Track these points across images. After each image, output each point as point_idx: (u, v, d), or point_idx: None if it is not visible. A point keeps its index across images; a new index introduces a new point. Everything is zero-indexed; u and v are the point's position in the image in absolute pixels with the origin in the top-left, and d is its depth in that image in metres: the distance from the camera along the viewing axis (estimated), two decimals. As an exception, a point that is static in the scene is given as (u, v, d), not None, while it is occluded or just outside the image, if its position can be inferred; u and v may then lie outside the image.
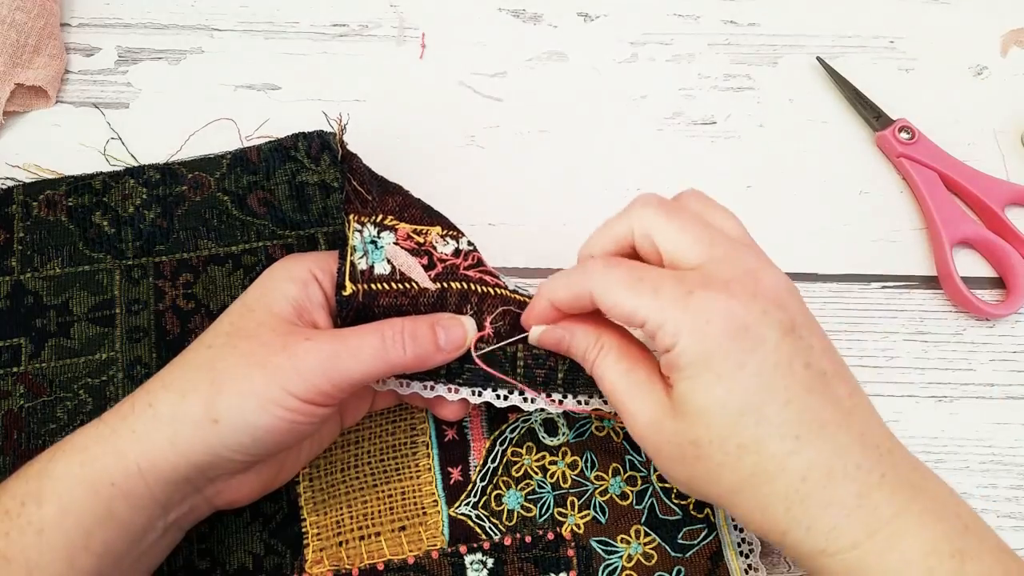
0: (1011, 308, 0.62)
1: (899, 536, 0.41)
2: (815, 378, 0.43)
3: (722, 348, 0.42)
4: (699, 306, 0.43)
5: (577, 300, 0.47)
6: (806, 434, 0.42)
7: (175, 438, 0.44)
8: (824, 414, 0.43)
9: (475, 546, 0.53)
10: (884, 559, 0.41)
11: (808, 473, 0.42)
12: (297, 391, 0.44)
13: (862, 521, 0.42)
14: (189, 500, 0.47)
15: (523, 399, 0.50)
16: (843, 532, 0.42)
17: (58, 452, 0.45)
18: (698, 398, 0.43)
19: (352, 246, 0.49)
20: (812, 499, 0.42)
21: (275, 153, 0.62)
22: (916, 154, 0.67)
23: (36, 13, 0.66)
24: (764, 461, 0.42)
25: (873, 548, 0.41)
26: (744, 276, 0.44)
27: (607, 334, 0.48)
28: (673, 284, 0.44)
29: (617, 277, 0.45)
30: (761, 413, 0.42)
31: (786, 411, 0.42)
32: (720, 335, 0.42)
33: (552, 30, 0.73)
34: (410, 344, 0.46)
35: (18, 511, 0.43)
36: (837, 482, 0.42)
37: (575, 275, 0.47)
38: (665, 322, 0.43)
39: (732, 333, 0.42)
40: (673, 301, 0.43)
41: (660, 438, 0.45)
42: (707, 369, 0.43)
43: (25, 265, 0.59)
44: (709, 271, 0.44)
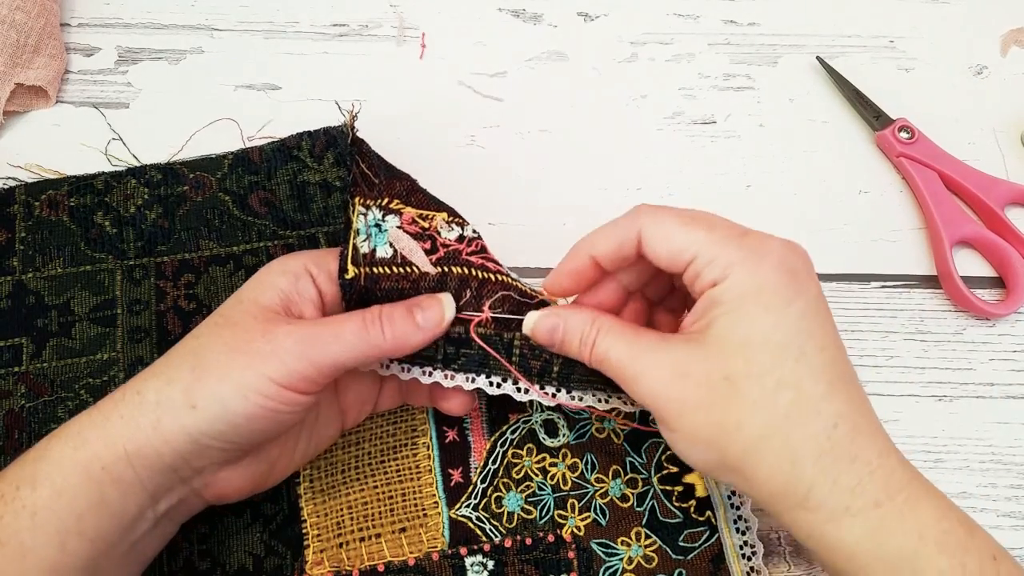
0: (1011, 308, 0.62)
1: (916, 499, 0.42)
2: (838, 339, 0.45)
3: (774, 283, 0.43)
4: (754, 244, 0.44)
5: (620, 249, 0.47)
6: (837, 382, 0.43)
7: (158, 424, 0.44)
8: (849, 370, 0.44)
9: (475, 548, 0.53)
10: (904, 521, 0.42)
11: (839, 420, 0.42)
12: (277, 376, 0.44)
13: (884, 480, 0.42)
14: (177, 490, 0.47)
15: (516, 388, 0.50)
16: (866, 490, 0.42)
17: (53, 439, 0.45)
18: (741, 330, 0.43)
19: (355, 229, 0.49)
20: (840, 450, 0.42)
21: (277, 153, 0.62)
22: (916, 154, 0.67)
23: (36, 13, 0.66)
24: (800, 400, 0.42)
25: (894, 509, 0.42)
26: (783, 240, 0.46)
27: (603, 316, 0.48)
28: (728, 225, 0.45)
29: (669, 214, 0.46)
30: (802, 351, 0.43)
31: (822, 355, 0.43)
32: (774, 271, 0.43)
33: (552, 30, 0.73)
34: (388, 325, 0.46)
35: (13, 495, 0.43)
36: (863, 437, 0.43)
37: (621, 221, 0.47)
38: (718, 256, 0.44)
39: (785, 271, 0.43)
40: (728, 237, 0.44)
41: (685, 386, 0.44)
42: (757, 301, 0.43)
43: (27, 265, 0.59)
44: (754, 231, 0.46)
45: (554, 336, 0.48)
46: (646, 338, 0.46)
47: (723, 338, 0.43)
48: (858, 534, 0.42)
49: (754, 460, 0.43)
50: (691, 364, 0.44)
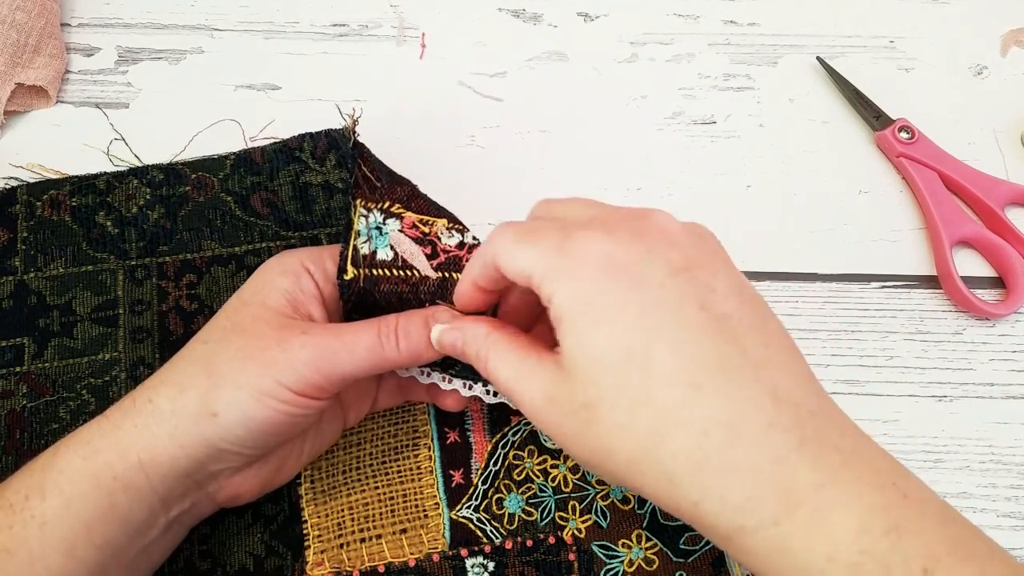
0: (1011, 308, 0.62)
1: (826, 511, 0.36)
2: (713, 321, 0.39)
3: (598, 288, 0.39)
4: (575, 248, 0.40)
5: (486, 272, 0.44)
6: (703, 383, 0.38)
7: (174, 432, 0.44)
8: (726, 363, 0.38)
9: (476, 549, 0.53)
10: (810, 539, 0.36)
11: (709, 427, 0.37)
12: (291, 383, 0.44)
13: (780, 490, 0.36)
14: (190, 496, 0.47)
15: None
16: (760, 503, 0.36)
17: (62, 447, 0.45)
18: (581, 350, 0.39)
19: (356, 231, 0.49)
20: (718, 460, 0.37)
21: (279, 154, 0.62)
22: (916, 154, 0.67)
23: (36, 13, 0.66)
24: (658, 415, 0.38)
25: (796, 526, 0.36)
26: (632, 218, 0.41)
27: (499, 331, 0.45)
28: (555, 231, 0.41)
29: (509, 233, 0.42)
30: (647, 358, 0.38)
31: (677, 355, 0.38)
32: (596, 274, 0.39)
33: (552, 30, 0.73)
34: (403, 340, 0.47)
35: (22, 505, 0.43)
36: (746, 442, 0.37)
37: (482, 247, 0.44)
38: (544, 271, 0.40)
39: (610, 272, 0.39)
40: (551, 247, 0.40)
41: (555, 412, 0.41)
42: (584, 314, 0.39)
43: (28, 265, 0.59)
44: (597, 218, 0.42)
45: (456, 348, 0.46)
46: (526, 358, 0.43)
47: (572, 360, 0.40)
48: (759, 555, 0.37)
49: (637, 482, 0.40)
50: (558, 391, 0.40)
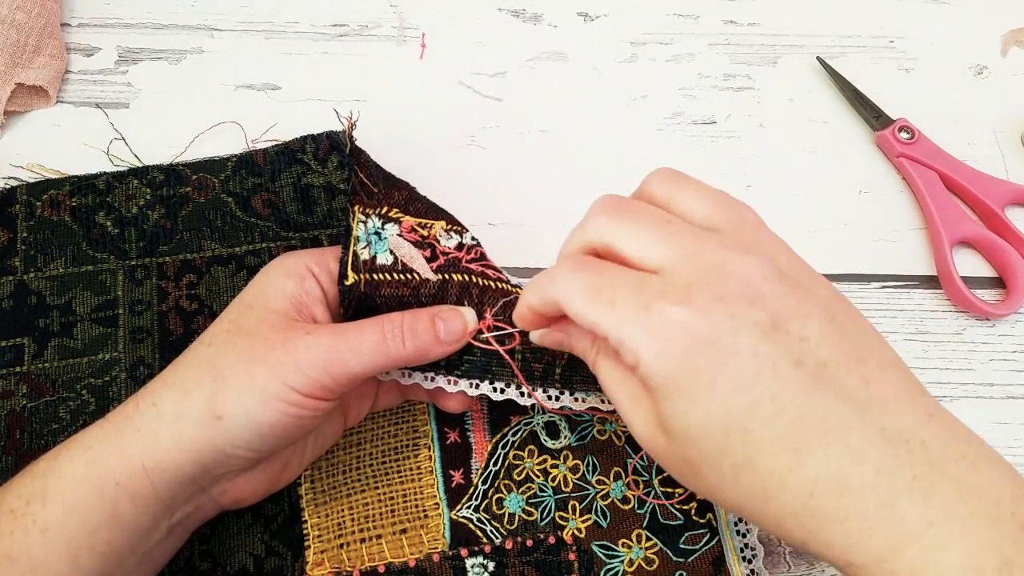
0: (1011, 308, 0.62)
1: (935, 550, 0.37)
2: (811, 377, 0.38)
3: (688, 369, 0.38)
4: (656, 323, 0.39)
5: (548, 306, 0.43)
6: (806, 446, 0.38)
7: (179, 436, 0.44)
8: (829, 418, 0.38)
9: (476, 549, 0.53)
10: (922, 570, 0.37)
11: (814, 488, 0.38)
12: (297, 385, 0.44)
13: (886, 535, 0.37)
14: (194, 500, 0.47)
15: (520, 393, 0.50)
16: (865, 547, 0.37)
17: (63, 451, 0.45)
18: (678, 422, 0.39)
19: (355, 236, 0.49)
20: (823, 515, 0.38)
21: (281, 156, 0.62)
22: (916, 154, 0.67)
23: (36, 13, 0.66)
24: (761, 480, 0.39)
25: (904, 564, 0.37)
26: (707, 275, 0.40)
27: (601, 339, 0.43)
28: (631, 295, 0.40)
29: (578, 286, 0.41)
30: (747, 431, 0.38)
31: (777, 423, 0.38)
32: (683, 355, 0.38)
33: (552, 30, 0.73)
34: (410, 338, 0.47)
35: (23, 510, 0.43)
36: (851, 495, 0.38)
37: (544, 281, 0.43)
38: (624, 339, 0.39)
39: (697, 351, 0.38)
40: (630, 316, 0.39)
41: (657, 452, 0.42)
42: (677, 393, 0.39)
43: (28, 265, 0.59)
44: (669, 276, 0.40)
45: (562, 345, 0.47)
46: (630, 385, 0.43)
47: (668, 425, 0.40)
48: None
49: (742, 515, 0.42)
50: (657, 438, 0.41)
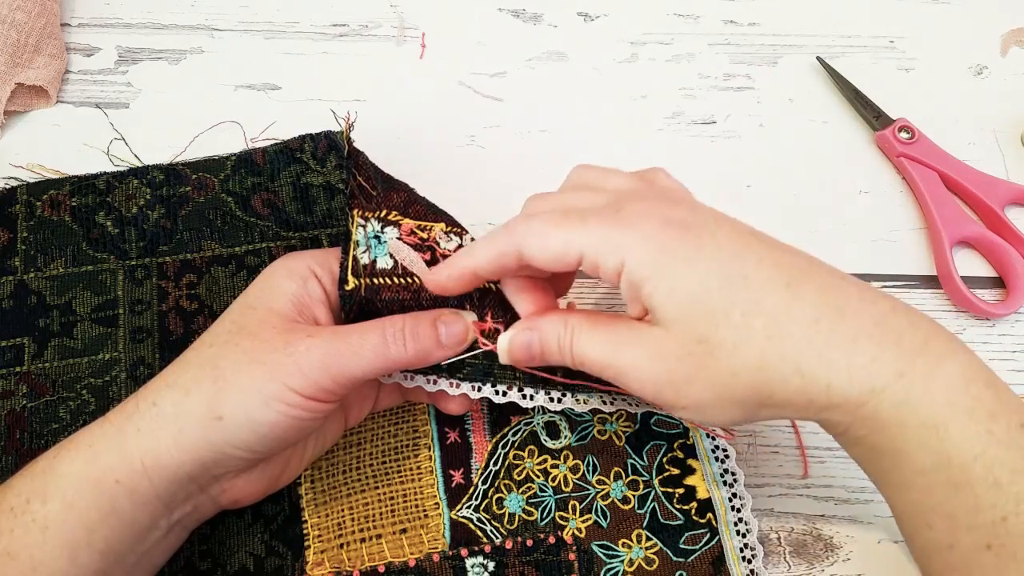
0: (1011, 308, 0.62)
1: (937, 360, 0.41)
2: (771, 240, 0.44)
3: (671, 238, 0.42)
4: (630, 218, 0.43)
5: (500, 261, 0.46)
6: (794, 281, 0.42)
7: (179, 436, 0.44)
8: (798, 262, 0.43)
9: (476, 549, 0.53)
10: (930, 386, 0.40)
11: (817, 314, 0.41)
12: (298, 387, 0.44)
13: (895, 346, 0.41)
14: (193, 499, 0.47)
15: (522, 396, 0.50)
16: (883, 363, 0.41)
17: (63, 450, 0.45)
18: (680, 292, 0.42)
19: (355, 241, 0.49)
20: (836, 336, 0.41)
21: (281, 155, 0.62)
22: (916, 154, 0.67)
23: (36, 13, 0.66)
24: (772, 319, 0.41)
25: (917, 374, 0.40)
26: (659, 192, 0.47)
27: (574, 316, 0.47)
28: (599, 210, 0.45)
29: (542, 220, 0.45)
30: (743, 276, 0.42)
31: (763, 267, 0.42)
32: (663, 230, 0.43)
33: (552, 30, 0.73)
34: (411, 341, 0.47)
35: (23, 508, 0.43)
36: (849, 316, 0.41)
37: (499, 235, 0.46)
38: (603, 243, 0.43)
39: (672, 225, 0.43)
40: (603, 222, 0.43)
41: (668, 365, 0.43)
42: (671, 261, 0.42)
43: (28, 265, 0.59)
44: (626, 196, 0.46)
45: (532, 350, 0.47)
46: (621, 331, 0.45)
47: (672, 308, 0.42)
48: (888, 417, 0.41)
49: (767, 392, 0.42)
50: (663, 345, 0.43)
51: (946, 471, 0.40)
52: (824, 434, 0.49)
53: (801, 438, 0.58)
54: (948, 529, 0.40)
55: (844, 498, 0.57)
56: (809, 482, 0.57)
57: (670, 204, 0.44)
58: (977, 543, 0.39)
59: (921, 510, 0.42)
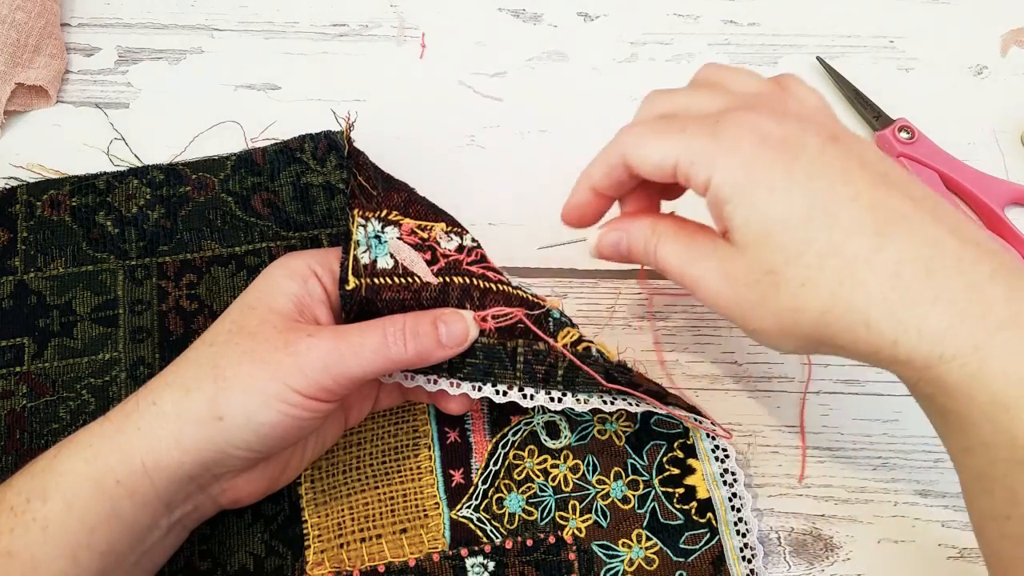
0: (1010, 308, 0.62)
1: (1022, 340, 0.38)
2: (878, 176, 0.41)
3: (763, 161, 0.41)
4: (727, 130, 0.42)
5: (612, 173, 0.47)
6: (886, 228, 0.40)
7: (180, 435, 0.44)
8: (902, 207, 0.40)
9: (476, 549, 0.53)
10: (1008, 363, 0.38)
11: (900, 268, 0.39)
12: (299, 387, 0.44)
13: (979, 316, 0.38)
14: (193, 498, 0.47)
15: (523, 396, 0.50)
16: (959, 332, 0.38)
17: (63, 449, 0.45)
18: (756, 221, 0.41)
19: (355, 240, 0.49)
20: (914, 295, 0.39)
21: (281, 155, 0.62)
22: (916, 154, 0.67)
23: (36, 13, 0.66)
24: (848, 264, 0.40)
25: (995, 349, 0.38)
26: (772, 99, 0.45)
27: (661, 223, 0.47)
28: (699, 119, 0.44)
29: (644, 128, 0.45)
30: (828, 213, 0.40)
31: (855, 206, 0.40)
32: (756, 149, 0.41)
33: (552, 30, 0.73)
34: (411, 341, 0.47)
35: (23, 508, 0.43)
36: (938, 276, 0.39)
37: (608, 147, 0.47)
38: (696, 155, 0.42)
39: (769, 145, 0.41)
40: (700, 132, 0.43)
41: (736, 288, 0.43)
42: (755, 187, 0.41)
43: (28, 265, 0.59)
44: (737, 103, 0.44)
45: (619, 248, 0.49)
46: (699, 243, 0.45)
47: (747, 233, 0.42)
48: (955, 386, 0.39)
49: (831, 333, 0.41)
50: (734, 267, 0.43)
51: (1011, 449, 0.38)
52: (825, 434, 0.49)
53: (805, 438, 0.58)
54: (1008, 501, 0.39)
55: (844, 498, 0.57)
56: (809, 482, 0.57)
57: (778, 117, 0.43)
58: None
59: (983, 477, 0.40)
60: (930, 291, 0.39)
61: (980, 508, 0.42)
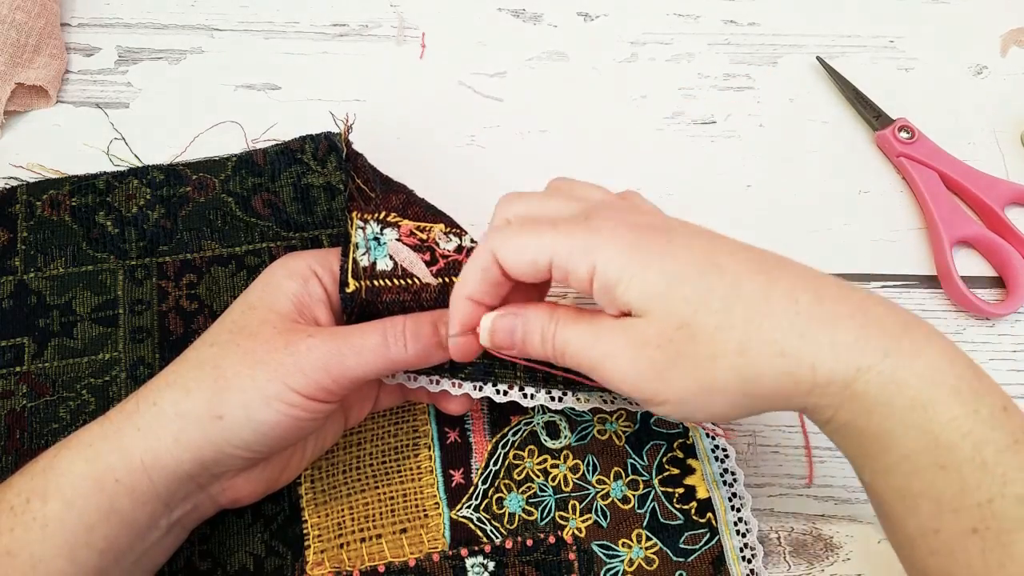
0: (1011, 307, 0.62)
1: (921, 342, 0.40)
2: (740, 242, 0.44)
3: (643, 240, 0.42)
4: (601, 224, 0.43)
5: (486, 276, 0.45)
6: (769, 269, 0.42)
7: (180, 435, 0.44)
8: (770, 257, 0.43)
9: (476, 549, 0.53)
10: (916, 366, 0.40)
11: (796, 296, 0.41)
12: (299, 387, 0.44)
13: (878, 326, 0.41)
14: (193, 498, 0.47)
15: (523, 395, 0.50)
16: (868, 343, 0.40)
17: (63, 449, 0.45)
18: (653, 283, 0.41)
19: (355, 243, 0.49)
20: (816, 318, 0.41)
21: (281, 156, 0.62)
22: (916, 154, 0.67)
23: (36, 13, 0.66)
24: (750, 304, 0.41)
25: (903, 354, 0.40)
26: (621, 203, 0.47)
27: (560, 308, 0.46)
28: (568, 215, 0.45)
29: (513, 230, 0.44)
30: (717, 264, 0.42)
31: (736, 258, 0.42)
32: (632, 232, 0.42)
33: (552, 30, 0.73)
34: (412, 342, 0.47)
35: (23, 507, 0.43)
36: (827, 301, 0.41)
37: (476, 251, 0.45)
38: (574, 248, 0.42)
39: (642, 228, 0.43)
40: (573, 227, 0.43)
41: (647, 352, 0.42)
42: (643, 259, 0.42)
43: (28, 265, 0.59)
44: (591, 207, 0.45)
45: (514, 336, 0.46)
46: (602, 322, 0.44)
47: (649, 299, 0.42)
48: (876, 396, 0.40)
49: (751, 375, 0.41)
50: (644, 332, 0.42)
51: (933, 453, 0.39)
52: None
53: (808, 438, 0.58)
54: (933, 513, 0.40)
55: (844, 498, 0.57)
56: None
57: (639, 213, 0.45)
58: (963, 527, 0.39)
59: (906, 495, 0.41)
60: (827, 313, 0.41)
61: (906, 530, 0.42)
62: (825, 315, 0.41)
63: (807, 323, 0.41)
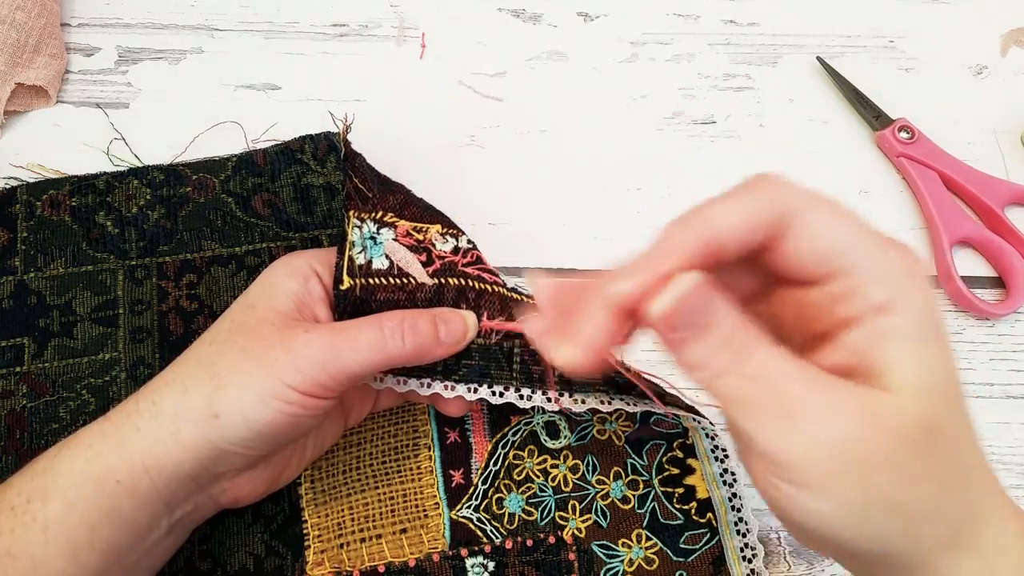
0: (1011, 307, 0.62)
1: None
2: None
3: (934, 314, 0.35)
4: (907, 263, 0.35)
5: (751, 233, 0.36)
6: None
7: (178, 434, 0.44)
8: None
9: (476, 549, 0.53)
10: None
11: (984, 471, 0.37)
12: (295, 383, 0.44)
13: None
14: (193, 498, 0.47)
15: (519, 396, 0.50)
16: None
17: (63, 449, 0.45)
18: (927, 371, 0.34)
19: (351, 241, 0.49)
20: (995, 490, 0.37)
21: (281, 156, 0.62)
22: (916, 154, 0.67)
23: (36, 13, 0.66)
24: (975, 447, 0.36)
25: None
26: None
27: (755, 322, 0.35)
28: (870, 228, 0.36)
29: (828, 201, 0.36)
30: (960, 383, 0.35)
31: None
32: (929, 298, 0.35)
33: (552, 30, 0.73)
34: (409, 336, 0.46)
35: (24, 508, 0.43)
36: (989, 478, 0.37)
37: (754, 194, 0.36)
38: (882, 271, 0.34)
39: (932, 301, 0.35)
40: (881, 245, 0.35)
41: (875, 437, 0.33)
42: (932, 334, 0.35)
43: (28, 265, 0.59)
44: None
45: (693, 317, 0.34)
46: (817, 369, 0.34)
47: (911, 381, 0.33)
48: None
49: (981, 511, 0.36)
50: (883, 409, 0.33)
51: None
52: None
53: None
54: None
55: (844, 498, 0.56)
56: (809, 482, 0.57)
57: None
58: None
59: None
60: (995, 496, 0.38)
61: None
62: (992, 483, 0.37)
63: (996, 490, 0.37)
